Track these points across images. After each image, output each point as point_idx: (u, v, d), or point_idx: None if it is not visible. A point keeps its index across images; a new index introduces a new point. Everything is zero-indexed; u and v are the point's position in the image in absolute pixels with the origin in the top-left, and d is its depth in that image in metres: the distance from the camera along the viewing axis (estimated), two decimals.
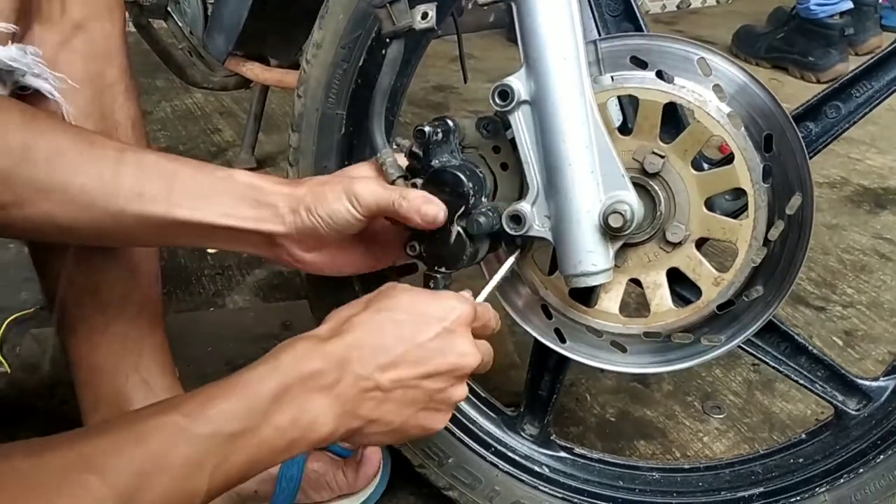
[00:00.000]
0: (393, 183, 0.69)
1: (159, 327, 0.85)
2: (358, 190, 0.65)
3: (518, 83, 0.64)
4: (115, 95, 0.77)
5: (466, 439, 0.86)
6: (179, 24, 1.35)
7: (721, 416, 1.09)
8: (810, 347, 0.76)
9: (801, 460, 0.79)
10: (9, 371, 1.14)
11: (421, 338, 0.60)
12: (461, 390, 0.63)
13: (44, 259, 0.80)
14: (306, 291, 0.87)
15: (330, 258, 0.70)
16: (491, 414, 0.88)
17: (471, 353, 0.62)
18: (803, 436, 0.80)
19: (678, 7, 3.22)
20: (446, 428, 0.86)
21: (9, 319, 1.24)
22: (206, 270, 1.44)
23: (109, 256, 0.79)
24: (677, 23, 3.15)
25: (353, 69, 0.80)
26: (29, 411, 1.03)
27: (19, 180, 0.59)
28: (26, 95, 0.69)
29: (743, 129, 0.66)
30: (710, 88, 0.66)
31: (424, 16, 0.68)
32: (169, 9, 1.35)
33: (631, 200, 0.63)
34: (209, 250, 1.48)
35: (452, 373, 0.61)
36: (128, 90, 0.78)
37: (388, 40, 0.70)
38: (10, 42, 0.66)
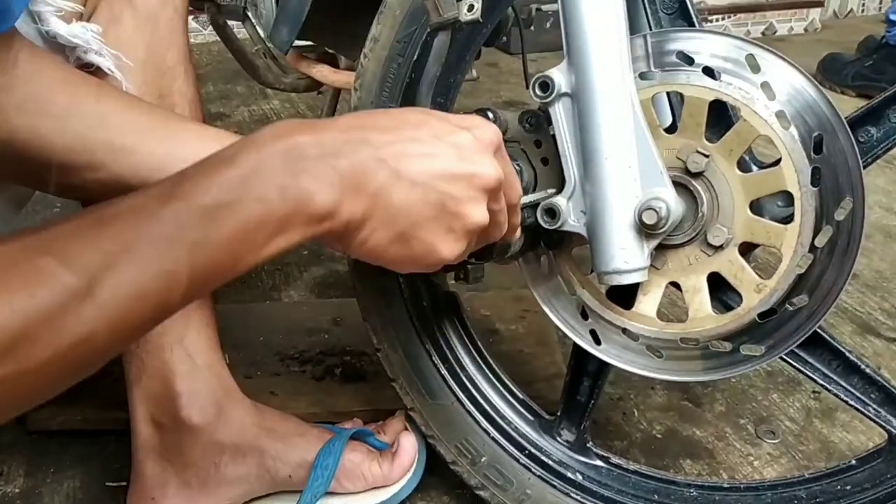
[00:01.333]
0: None
1: (207, 303, 0.86)
2: None
3: (559, 75, 0.64)
4: (175, 77, 0.80)
5: (501, 439, 0.85)
6: (256, 26, 1.39)
7: (775, 442, 1.04)
8: (864, 367, 0.72)
9: (848, 487, 0.74)
10: None
11: (440, 134, 0.54)
12: (480, 211, 0.55)
13: None
14: (352, 280, 0.88)
15: None
16: (527, 416, 0.86)
17: (493, 168, 0.55)
18: (853, 461, 0.75)
19: (763, 34, 3.14)
20: (481, 427, 0.86)
21: None
22: (266, 266, 1.47)
23: None
24: None
25: (408, 64, 0.81)
26: (82, 389, 1.05)
27: (96, 144, 0.64)
28: (88, 72, 0.72)
29: (792, 128, 0.63)
30: (759, 86, 0.64)
31: (470, 8, 0.68)
32: (247, 11, 1.39)
33: (667, 198, 0.62)
34: None
35: (470, 181, 0.54)
36: (187, 73, 0.81)
37: (434, 31, 0.71)
38: (74, 20, 0.70)
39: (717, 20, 3.00)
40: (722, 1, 3.00)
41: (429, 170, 0.52)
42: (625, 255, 0.63)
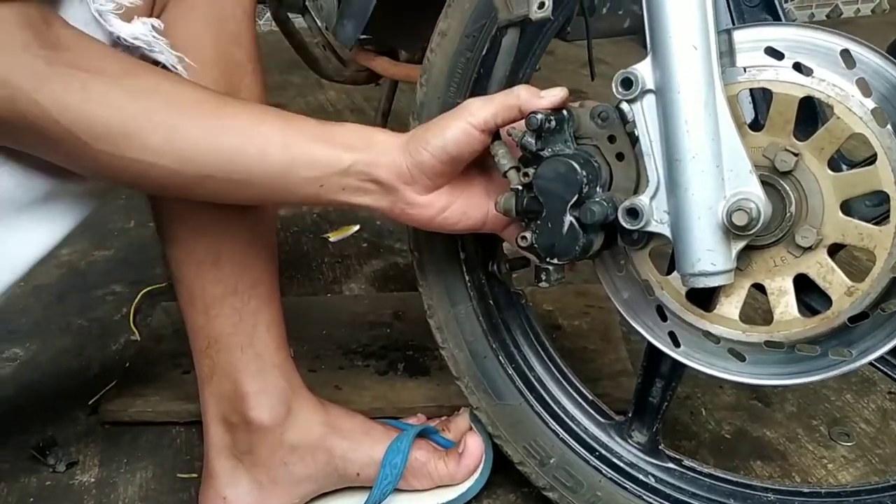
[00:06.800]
0: (505, 175, 0.69)
1: (275, 302, 0.87)
2: (472, 105, 0.67)
3: (644, 71, 0.62)
4: (243, 76, 0.80)
5: (570, 441, 0.84)
6: (316, 20, 1.39)
7: (849, 444, 1.01)
8: None
9: None
10: (139, 339, 1.21)
11: None
12: None
13: (168, 231, 0.84)
14: (417, 277, 0.87)
15: (443, 201, 0.70)
16: (598, 418, 0.85)
17: None
18: None
19: (828, 16, 3.05)
20: (550, 428, 0.85)
21: (143, 291, 1.32)
22: (326, 258, 1.48)
23: (230, 229, 0.82)
24: None
25: (476, 59, 0.80)
26: (153, 379, 1.08)
27: (142, 114, 0.65)
28: None
29: (889, 126, 0.61)
30: (853, 82, 0.61)
31: (541, 5, 0.67)
32: (307, 4, 1.39)
33: (758, 198, 0.60)
34: (330, 239, 1.53)
35: None
36: (255, 72, 0.81)
37: (504, 29, 0.70)
38: (136, 18, 0.70)
39: None
40: None
41: None
42: (712, 256, 0.61)
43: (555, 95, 0.66)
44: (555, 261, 0.66)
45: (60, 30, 0.63)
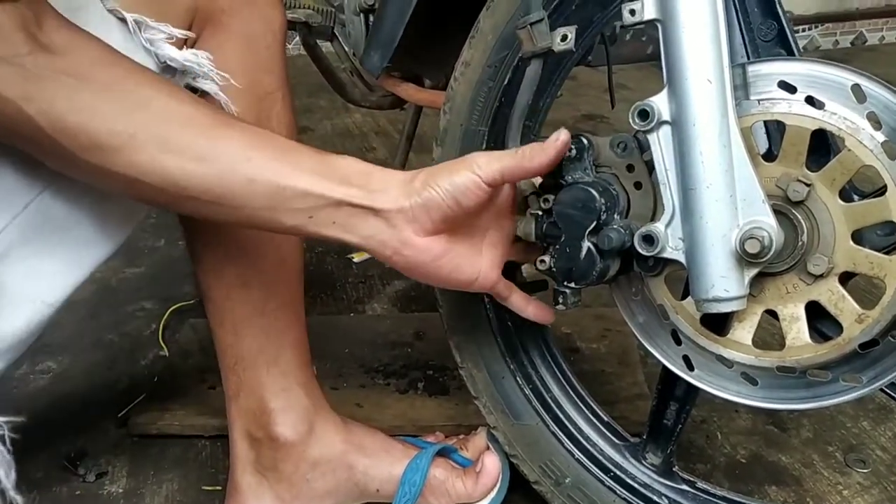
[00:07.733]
0: (525, 199, 0.71)
1: (300, 323, 0.90)
2: (479, 158, 0.67)
3: (659, 103, 0.65)
4: (273, 103, 0.82)
5: (586, 461, 0.86)
6: (344, 46, 1.43)
7: (865, 471, 1.02)
8: None
9: None
10: (167, 355, 1.24)
11: None
12: None
13: (200, 256, 0.87)
14: (437, 298, 0.89)
15: (439, 247, 0.68)
16: (613, 439, 0.87)
17: None
18: None
19: (852, 44, 3.05)
20: (566, 448, 0.87)
21: (172, 308, 1.36)
22: (350, 278, 1.51)
23: (259, 255, 0.85)
24: (851, 60, 2.98)
25: (498, 88, 0.83)
26: (180, 393, 1.11)
27: (134, 126, 0.63)
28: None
29: None
30: (864, 116, 0.63)
31: (564, 38, 0.70)
32: (335, 31, 1.43)
33: (770, 227, 0.62)
34: (354, 259, 1.56)
35: None
36: (284, 99, 0.84)
37: (527, 60, 0.72)
38: (184, 47, 0.73)
39: (803, 30, 2.91)
40: (809, 10, 2.91)
41: None
42: (725, 283, 0.63)
43: (557, 142, 0.67)
44: (572, 284, 0.68)
45: (53, 32, 0.61)
